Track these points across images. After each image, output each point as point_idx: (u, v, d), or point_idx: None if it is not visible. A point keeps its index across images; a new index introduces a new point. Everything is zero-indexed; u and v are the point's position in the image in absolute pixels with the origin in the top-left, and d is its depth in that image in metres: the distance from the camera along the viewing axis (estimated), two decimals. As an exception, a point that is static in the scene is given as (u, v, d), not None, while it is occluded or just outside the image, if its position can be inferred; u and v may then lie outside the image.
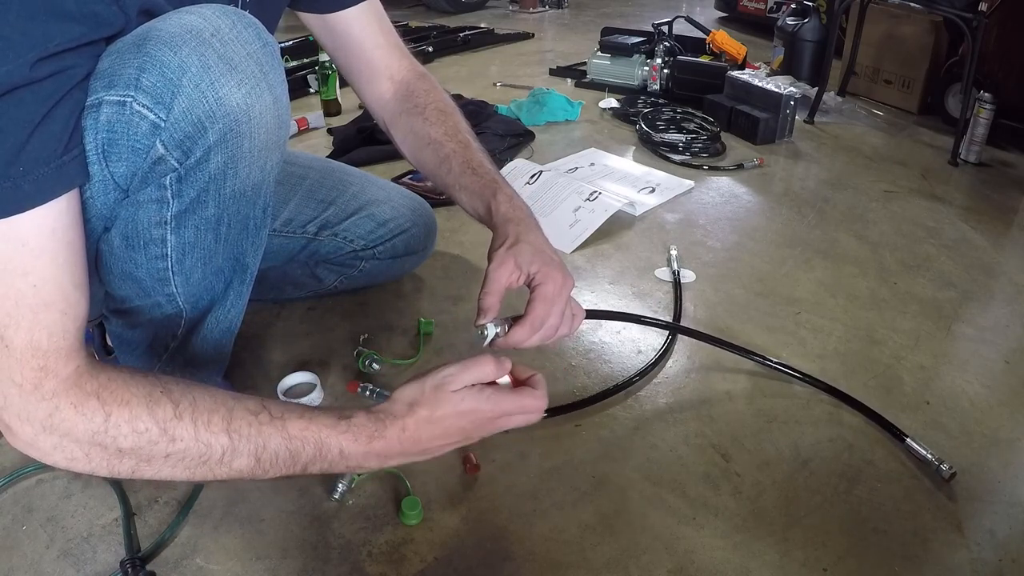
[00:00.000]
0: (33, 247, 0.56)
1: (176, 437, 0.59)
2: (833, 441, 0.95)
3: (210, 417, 0.60)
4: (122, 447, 0.58)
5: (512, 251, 0.78)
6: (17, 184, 0.53)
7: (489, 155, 0.94)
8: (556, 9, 4.28)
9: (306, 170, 1.16)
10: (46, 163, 0.56)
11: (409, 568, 0.78)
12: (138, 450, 0.58)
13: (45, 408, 0.56)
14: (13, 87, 0.52)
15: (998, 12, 1.88)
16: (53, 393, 0.56)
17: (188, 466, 0.60)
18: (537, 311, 0.76)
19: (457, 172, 0.90)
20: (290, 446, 0.62)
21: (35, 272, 0.56)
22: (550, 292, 0.77)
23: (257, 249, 0.83)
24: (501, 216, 0.83)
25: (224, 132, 0.66)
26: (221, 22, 0.65)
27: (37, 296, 0.56)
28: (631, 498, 0.87)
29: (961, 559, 0.78)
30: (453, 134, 0.93)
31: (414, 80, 1.00)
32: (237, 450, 0.60)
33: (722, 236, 1.51)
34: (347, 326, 1.21)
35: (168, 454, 0.59)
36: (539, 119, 2.16)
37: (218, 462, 0.60)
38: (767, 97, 2.03)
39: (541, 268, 0.77)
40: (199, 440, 0.59)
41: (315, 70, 2.39)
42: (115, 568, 0.78)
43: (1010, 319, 1.22)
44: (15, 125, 0.53)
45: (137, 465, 0.59)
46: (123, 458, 0.59)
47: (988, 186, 1.77)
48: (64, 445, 0.57)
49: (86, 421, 0.57)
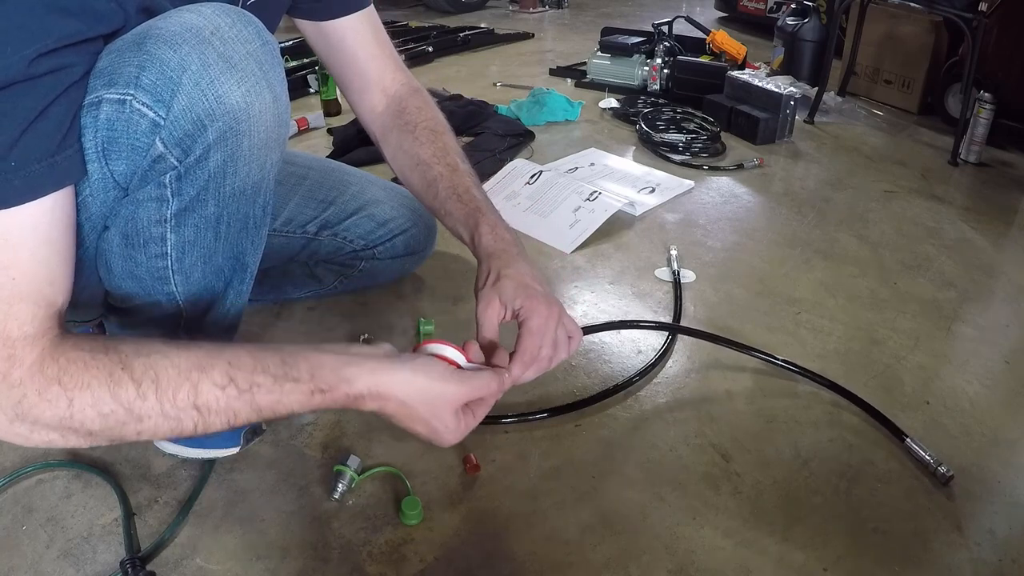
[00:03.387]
0: (15, 242, 0.56)
1: (143, 416, 0.59)
2: (833, 441, 0.95)
3: (175, 394, 0.59)
4: (91, 430, 0.58)
5: (495, 289, 0.79)
6: (7, 179, 0.54)
7: (477, 177, 0.93)
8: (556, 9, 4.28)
9: (306, 170, 1.16)
10: (38, 160, 0.56)
11: (409, 568, 0.78)
12: (108, 430, 0.59)
13: (14, 396, 0.57)
14: (9, 82, 0.52)
15: (998, 12, 1.88)
16: (20, 381, 0.57)
17: (163, 433, 0.61)
18: (525, 346, 0.76)
19: (443, 197, 0.90)
20: (262, 415, 0.63)
21: (14, 266, 0.56)
22: (536, 326, 0.77)
23: (257, 248, 0.83)
24: (483, 250, 0.84)
25: (224, 130, 0.66)
26: (221, 21, 0.65)
27: (14, 289, 0.57)
28: (631, 498, 0.87)
29: (961, 559, 0.78)
30: (442, 156, 0.93)
31: (407, 96, 0.99)
32: (208, 423, 0.61)
33: (722, 236, 1.51)
34: (347, 326, 1.21)
35: (139, 432, 0.60)
36: (539, 119, 2.16)
37: (191, 432, 0.61)
38: (767, 97, 2.03)
39: (525, 303, 0.77)
40: (167, 416, 0.59)
41: (315, 70, 2.39)
42: (115, 568, 0.78)
43: (1010, 319, 1.22)
44: (9, 120, 0.53)
45: (112, 439, 0.60)
46: (95, 437, 0.59)
47: (988, 186, 1.77)
48: (37, 430, 0.58)
49: (52, 408, 0.57)
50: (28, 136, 0.55)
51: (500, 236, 0.85)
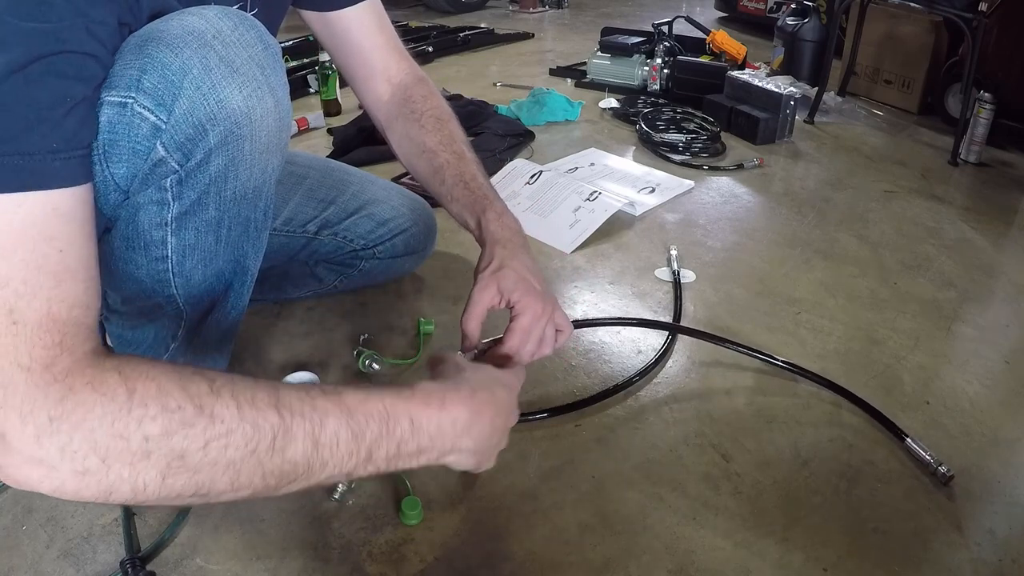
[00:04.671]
0: (63, 213, 0.52)
1: (216, 415, 0.49)
2: (833, 441, 0.95)
3: (254, 393, 0.51)
4: (148, 434, 0.47)
5: (496, 276, 0.80)
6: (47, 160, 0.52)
7: (483, 165, 0.94)
8: (556, 9, 4.28)
9: (306, 170, 1.16)
10: (77, 147, 0.55)
11: (409, 568, 0.78)
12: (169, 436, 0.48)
13: (56, 391, 0.47)
14: (62, 50, 0.51)
15: (998, 12, 1.88)
16: (66, 372, 0.48)
17: (232, 460, 0.49)
18: (511, 342, 0.78)
19: (450, 184, 0.90)
20: (351, 423, 0.53)
21: (62, 237, 0.51)
22: (526, 324, 0.78)
23: (258, 251, 0.83)
24: (489, 236, 0.84)
25: (225, 134, 0.66)
26: (223, 24, 0.65)
27: (62, 262, 0.51)
28: (631, 498, 0.87)
29: (961, 559, 0.79)
30: (448, 144, 0.93)
31: (412, 84, 1.00)
32: (290, 431, 0.51)
33: (722, 236, 1.51)
34: (347, 326, 1.21)
35: (207, 442, 0.48)
36: (539, 119, 2.16)
37: (268, 449, 0.50)
38: (767, 97, 2.03)
39: (521, 298, 0.79)
40: (244, 419, 0.49)
41: (315, 70, 2.39)
42: (115, 568, 0.78)
43: (1010, 319, 1.23)
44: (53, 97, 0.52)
45: (168, 466, 0.48)
46: (150, 457, 0.48)
47: (988, 186, 1.77)
48: (74, 447, 0.46)
49: (105, 401, 0.47)
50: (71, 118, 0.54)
51: (506, 224, 0.86)
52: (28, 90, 0.50)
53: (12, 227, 0.49)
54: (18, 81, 0.50)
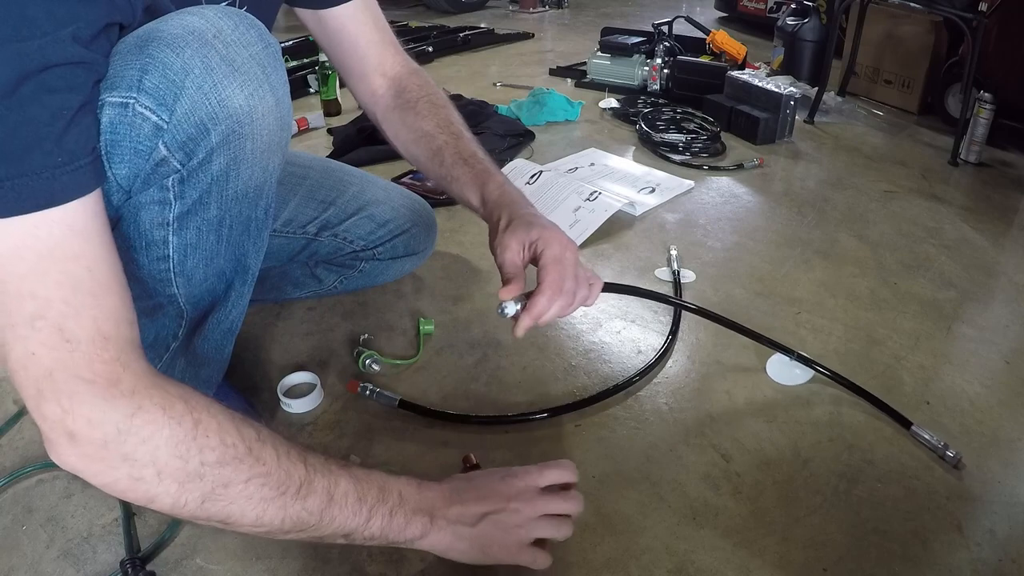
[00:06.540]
0: (80, 230, 0.53)
1: (260, 458, 0.57)
2: (833, 441, 0.95)
3: (288, 448, 0.60)
4: (205, 460, 0.54)
5: (509, 232, 0.79)
6: (55, 175, 0.53)
7: (482, 146, 0.94)
8: (556, 9, 4.28)
9: (306, 170, 1.16)
10: (82, 156, 0.55)
11: (409, 568, 0.78)
12: (223, 466, 0.54)
13: (125, 407, 0.51)
14: (48, 65, 0.51)
15: (998, 12, 1.88)
16: (133, 391, 0.52)
17: (264, 497, 0.57)
18: (551, 275, 0.75)
19: (449, 164, 0.90)
20: (357, 487, 0.63)
21: (86, 255, 0.53)
22: (557, 252, 0.76)
23: (259, 250, 0.83)
24: (493, 203, 0.84)
25: (226, 134, 0.66)
26: (224, 23, 0.65)
27: (93, 279, 0.53)
28: (631, 498, 0.87)
29: (961, 559, 0.79)
30: (445, 126, 0.94)
31: (407, 76, 1.00)
32: (312, 484, 0.59)
33: (722, 236, 1.51)
34: (347, 326, 1.21)
35: (249, 478, 0.56)
36: (539, 119, 2.16)
37: (295, 495, 0.58)
38: (767, 97, 2.03)
39: (541, 234, 0.78)
40: (280, 466, 0.58)
41: (315, 70, 2.39)
42: (115, 568, 0.78)
43: (1010, 319, 1.23)
44: (49, 113, 0.52)
45: (213, 491, 0.55)
46: (201, 480, 0.54)
47: (988, 186, 1.77)
48: (137, 457, 0.52)
49: (173, 424, 0.53)
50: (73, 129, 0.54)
51: (508, 191, 0.86)
52: (23, 111, 0.51)
53: (37, 250, 0.51)
54: (11, 105, 0.50)
